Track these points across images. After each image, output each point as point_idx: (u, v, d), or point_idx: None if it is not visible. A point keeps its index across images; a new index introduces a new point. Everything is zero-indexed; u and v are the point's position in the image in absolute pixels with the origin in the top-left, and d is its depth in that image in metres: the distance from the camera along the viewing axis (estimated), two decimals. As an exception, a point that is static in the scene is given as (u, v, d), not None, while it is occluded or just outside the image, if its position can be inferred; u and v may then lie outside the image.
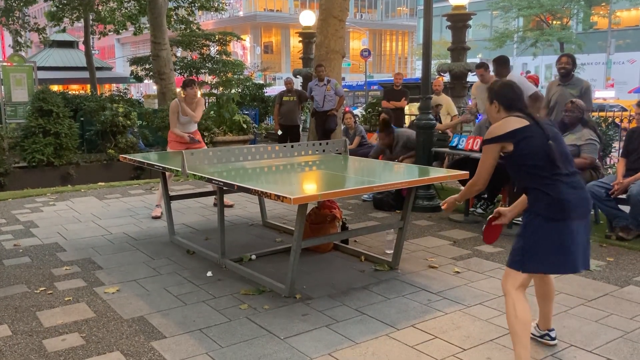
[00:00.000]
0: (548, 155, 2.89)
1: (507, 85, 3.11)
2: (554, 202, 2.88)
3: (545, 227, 2.90)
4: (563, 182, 2.90)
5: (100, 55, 46.67)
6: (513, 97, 3.05)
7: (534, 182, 2.95)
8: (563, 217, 2.88)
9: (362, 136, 8.95)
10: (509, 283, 2.98)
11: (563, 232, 2.88)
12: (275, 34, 53.94)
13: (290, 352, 3.21)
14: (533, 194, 2.97)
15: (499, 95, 3.08)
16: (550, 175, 2.90)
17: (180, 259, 4.94)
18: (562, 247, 2.89)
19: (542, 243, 2.89)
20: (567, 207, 2.87)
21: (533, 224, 2.94)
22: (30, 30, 21.58)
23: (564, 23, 33.80)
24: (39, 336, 3.42)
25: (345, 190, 4.08)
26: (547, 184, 2.90)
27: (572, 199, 2.89)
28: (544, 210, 2.90)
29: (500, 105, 3.05)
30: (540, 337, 3.31)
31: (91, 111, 11.02)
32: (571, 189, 2.91)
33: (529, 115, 3.00)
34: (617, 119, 9.51)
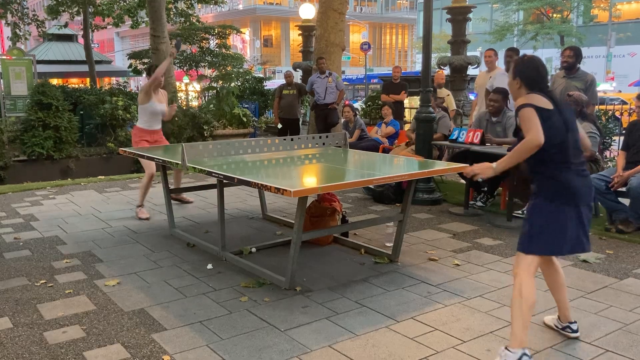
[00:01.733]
0: (563, 144, 2.98)
1: (532, 64, 3.12)
2: (562, 188, 2.98)
3: (551, 211, 2.99)
4: (572, 170, 3.00)
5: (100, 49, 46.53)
6: (536, 77, 3.08)
7: (544, 167, 3.02)
8: (569, 204, 2.98)
9: (362, 129, 8.95)
10: (519, 266, 3.05)
11: (569, 217, 2.99)
12: (275, 27, 53.79)
13: (291, 344, 3.22)
14: (542, 179, 3.05)
15: (522, 72, 3.10)
16: (562, 163, 3.00)
17: (180, 251, 4.95)
18: (566, 231, 2.99)
19: (548, 226, 3.00)
20: (574, 194, 2.99)
21: (540, 207, 3.03)
22: (29, 23, 21.51)
23: (564, 16, 33.70)
24: (40, 328, 3.43)
25: (345, 183, 4.08)
26: (557, 171, 3.00)
27: (580, 186, 3.00)
28: (552, 196, 3.00)
29: (522, 82, 3.08)
30: (562, 330, 3.33)
31: (91, 105, 11.02)
32: (579, 177, 3.01)
33: (552, 98, 3.05)
34: (617, 112, 9.50)
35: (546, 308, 3.69)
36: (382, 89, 11.66)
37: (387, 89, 11.10)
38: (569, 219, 3.00)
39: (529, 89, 3.06)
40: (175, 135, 10.98)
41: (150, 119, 6.22)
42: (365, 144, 8.35)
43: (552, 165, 3.01)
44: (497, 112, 6.30)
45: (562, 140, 2.98)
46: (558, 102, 3.07)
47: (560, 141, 2.98)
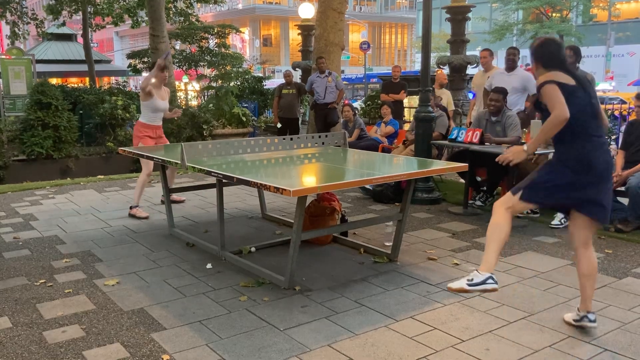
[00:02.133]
0: (586, 117, 3.12)
1: (546, 44, 3.24)
2: (583, 159, 3.13)
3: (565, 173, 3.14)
4: (594, 142, 3.14)
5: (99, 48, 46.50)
6: (551, 55, 3.20)
7: (570, 137, 3.14)
8: (586, 173, 3.13)
9: (362, 129, 8.95)
10: (503, 202, 3.28)
11: (577, 181, 3.13)
12: (275, 26, 53.76)
13: (290, 343, 3.23)
14: (564, 148, 3.18)
15: (537, 53, 3.23)
16: (585, 135, 3.13)
17: (179, 251, 4.95)
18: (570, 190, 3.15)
19: (554, 181, 3.16)
20: (593, 168, 3.13)
21: (556, 168, 3.19)
22: (28, 22, 21.49)
23: (563, 15, 33.68)
24: (39, 328, 3.43)
25: (344, 183, 4.09)
26: (579, 143, 3.13)
27: (601, 162, 3.14)
28: (573, 163, 3.14)
29: (538, 62, 3.22)
30: (578, 321, 3.36)
31: (90, 104, 11.01)
32: (598, 150, 3.15)
33: (573, 74, 3.16)
34: (617, 111, 9.51)
35: (545, 308, 3.70)
36: (382, 89, 11.66)
37: (387, 89, 11.10)
38: (575, 183, 3.13)
39: (546, 68, 3.17)
40: (174, 134, 10.97)
41: (153, 115, 6.28)
42: (365, 144, 8.35)
43: (575, 136, 3.13)
44: (497, 111, 6.30)
45: (585, 113, 3.11)
46: (579, 79, 3.17)
47: (583, 114, 3.10)
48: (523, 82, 6.97)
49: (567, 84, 3.10)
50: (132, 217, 6.13)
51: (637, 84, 28.63)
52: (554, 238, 5.26)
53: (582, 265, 3.35)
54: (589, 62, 33.17)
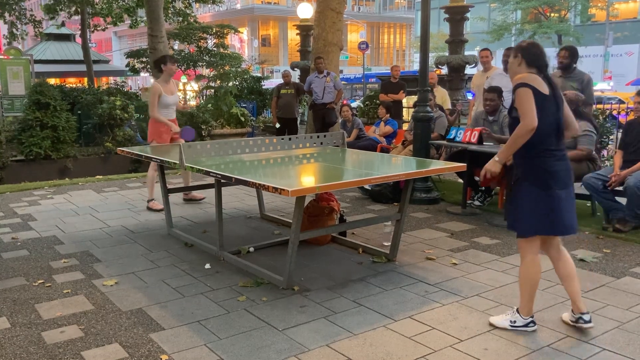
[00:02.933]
0: (551, 130, 3.16)
1: (534, 45, 3.29)
2: (546, 173, 3.18)
3: (538, 195, 3.19)
4: (554, 156, 3.20)
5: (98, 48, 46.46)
6: (537, 55, 3.24)
7: (530, 151, 3.19)
8: (552, 187, 3.19)
9: (360, 129, 8.95)
10: (521, 248, 3.34)
11: (555, 199, 3.19)
12: (273, 26, 53.75)
13: (289, 343, 3.23)
14: (527, 164, 3.24)
15: (524, 50, 3.26)
16: (546, 149, 3.19)
17: (178, 251, 4.95)
18: (554, 212, 3.20)
19: (537, 209, 3.21)
20: (556, 179, 3.19)
21: (528, 192, 3.23)
22: (26, 22, 21.47)
23: (562, 15, 33.72)
24: (38, 328, 3.43)
25: (342, 183, 4.09)
26: (541, 156, 3.18)
27: (559, 171, 3.21)
28: (538, 180, 3.19)
29: (523, 58, 3.23)
30: (575, 322, 3.39)
31: (88, 104, 11.00)
32: (560, 162, 3.22)
33: (550, 81, 3.20)
34: (615, 111, 9.51)
35: (543, 307, 3.70)
36: (381, 89, 11.66)
37: (386, 89, 11.11)
38: (555, 202, 3.19)
39: (529, 66, 3.21)
40: (173, 135, 10.96)
41: (165, 111, 6.39)
42: (363, 144, 8.35)
43: (537, 151, 3.19)
44: (493, 111, 6.32)
45: (550, 127, 3.16)
46: (554, 87, 3.22)
47: (549, 127, 3.15)
48: None
49: (541, 92, 3.14)
50: (150, 210, 6.37)
51: (635, 83, 28.65)
52: (552, 238, 5.26)
53: (559, 268, 3.40)
54: (587, 62, 33.18)
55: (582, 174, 5.61)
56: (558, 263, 3.40)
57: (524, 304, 3.34)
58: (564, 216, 3.22)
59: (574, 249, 4.92)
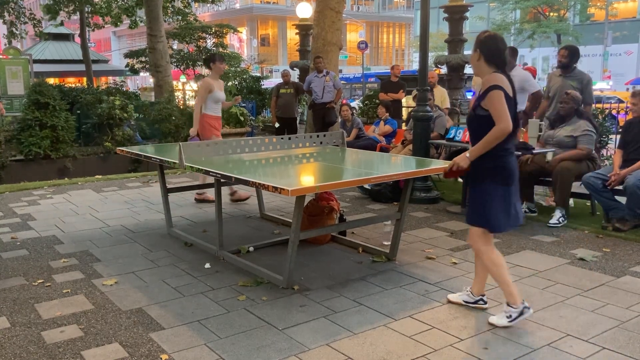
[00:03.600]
0: (514, 131, 3.25)
1: (493, 38, 3.30)
2: (505, 171, 3.29)
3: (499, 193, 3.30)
4: (511, 153, 3.31)
5: (97, 48, 46.44)
6: (495, 51, 3.27)
7: (493, 152, 3.27)
8: (509, 184, 3.31)
9: (360, 128, 8.96)
10: (477, 242, 3.44)
11: (512, 195, 3.32)
12: (272, 26, 53.73)
13: (289, 342, 3.23)
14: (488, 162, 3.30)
15: (483, 44, 3.29)
16: (506, 148, 3.28)
17: (178, 251, 4.95)
18: (510, 209, 3.33)
19: (498, 207, 3.30)
20: (512, 176, 3.32)
21: (490, 190, 3.32)
22: (25, 22, 21.46)
23: (561, 15, 33.75)
24: (38, 328, 3.43)
25: (342, 182, 4.09)
26: (502, 155, 3.27)
27: (514, 168, 3.34)
28: (499, 178, 3.29)
29: (482, 54, 3.28)
30: (474, 303, 3.57)
31: (88, 104, 11.00)
32: (513, 158, 3.35)
33: (509, 78, 3.26)
34: (614, 110, 9.52)
35: (543, 306, 3.70)
36: (381, 88, 11.66)
37: (386, 88, 11.10)
38: (513, 196, 3.34)
39: (487, 62, 3.26)
40: (172, 134, 10.98)
41: (216, 106, 6.58)
42: (363, 143, 8.35)
43: (499, 150, 3.26)
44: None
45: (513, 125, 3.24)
46: (513, 86, 3.28)
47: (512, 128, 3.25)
48: (521, 82, 6.96)
49: (508, 94, 3.22)
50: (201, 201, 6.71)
51: (634, 82, 28.68)
52: (551, 237, 5.27)
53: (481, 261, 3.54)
54: (587, 62, 33.22)
55: (582, 173, 5.61)
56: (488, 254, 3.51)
57: (508, 292, 3.39)
58: (518, 209, 3.39)
59: (574, 248, 4.92)
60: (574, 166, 5.63)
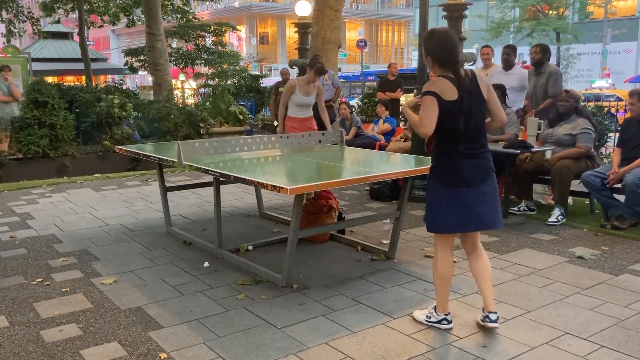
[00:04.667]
0: (456, 132, 3.13)
1: (439, 40, 3.15)
2: (450, 172, 3.20)
3: (443, 193, 3.22)
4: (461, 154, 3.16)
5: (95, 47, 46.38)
6: (443, 54, 3.13)
7: (437, 150, 3.24)
8: (459, 185, 3.18)
9: (359, 127, 8.95)
10: (434, 244, 3.39)
11: (462, 197, 3.18)
12: (271, 24, 53.66)
13: (288, 341, 3.23)
14: (434, 161, 3.28)
15: (430, 50, 3.17)
16: (452, 149, 3.18)
17: (177, 249, 4.95)
18: (459, 210, 3.20)
19: (442, 206, 3.22)
20: (462, 177, 3.18)
21: (434, 189, 3.28)
22: (24, 21, 21.42)
23: (560, 13, 33.70)
24: (37, 327, 3.43)
25: (341, 181, 4.09)
26: (446, 155, 3.22)
27: (466, 169, 3.18)
28: (442, 178, 3.23)
29: (433, 60, 3.18)
30: (482, 321, 3.36)
31: (86, 102, 10.97)
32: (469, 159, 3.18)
33: (460, 82, 3.11)
34: (613, 108, 9.53)
35: (542, 305, 3.71)
36: (378, 87, 11.65)
37: (383, 87, 11.09)
38: (462, 199, 3.18)
39: (440, 67, 3.15)
40: (171, 133, 10.96)
41: (297, 109, 6.57)
42: (362, 142, 8.35)
43: (443, 150, 3.21)
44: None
45: (455, 129, 3.12)
46: (465, 88, 3.11)
47: (454, 129, 3.13)
48: (521, 81, 7.00)
49: (446, 101, 3.06)
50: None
51: (633, 81, 28.67)
52: (550, 235, 5.27)
53: (472, 266, 3.40)
54: (586, 60, 33.27)
55: (581, 171, 5.61)
56: (472, 260, 3.40)
57: (437, 300, 3.37)
58: (470, 213, 3.19)
59: (573, 246, 4.93)
60: (573, 164, 5.63)
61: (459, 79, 3.12)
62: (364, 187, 7.20)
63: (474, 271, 3.39)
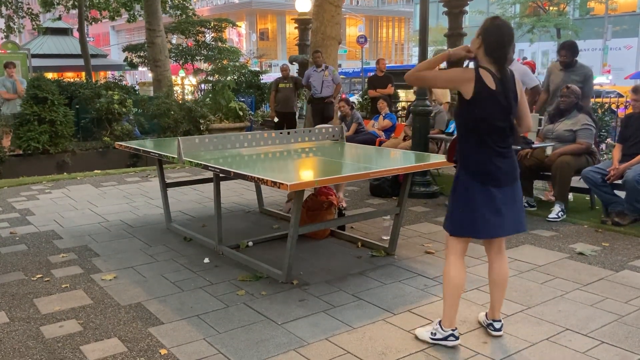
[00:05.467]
0: (488, 126, 2.94)
1: (499, 29, 2.96)
2: (477, 170, 2.98)
3: (468, 194, 3.00)
4: (490, 151, 2.98)
5: (95, 43, 46.28)
6: (497, 42, 2.94)
7: (463, 145, 3.04)
8: (485, 185, 2.97)
9: (359, 123, 8.94)
10: (446, 247, 3.17)
11: (485, 199, 2.97)
12: (271, 20, 53.56)
13: (288, 337, 3.23)
14: (460, 158, 3.07)
15: (486, 33, 2.97)
16: (480, 144, 2.97)
17: (177, 246, 4.95)
18: (481, 213, 2.98)
19: (463, 208, 3.03)
20: (489, 176, 2.97)
21: (458, 189, 3.06)
22: (23, 16, 21.37)
23: (560, 9, 33.64)
24: (37, 323, 3.42)
25: (341, 177, 4.08)
26: (474, 151, 2.99)
27: (495, 169, 2.97)
28: (469, 177, 3.00)
29: (483, 43, 2.97)
30: (486, 327, 3.29)
31: (86, 98, 10.97)
32: (498, 158, 2.98)
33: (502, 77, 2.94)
34: (614, 104, 9.52)
35: (542, 301, 3.71)
36: (368, 84, 11.61)
37: (373, 84, 11.06)
38: (485, 201, 2.96)
39: (487, 53, 2.95)
40: (171, 129, 10.95)
41: None
42: (362, 138, 8.35)
43: (470, 145, 3.00)
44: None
45: (491, 120, 2.93)
46: (505, 83, 2.95)
47: (489, 121, 2.93)
48: (520, 77, 6.94)
49: (488, 86, 2.90)
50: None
51: (634, 77, 28.63)
52: (551, 231, 5.27)
53: (493, 272, 3.21)
54: (586, 56, 33.13)
55: (581, 167, 5.61)
56: (494, 266, 3.20)
57: (445, 313, 3.10)
58: (505, 216, 3.01)
59: (573, 242, 4.93)
60: (574, 160, 5.62)
61: (502, 75, 2.94)
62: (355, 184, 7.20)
63: (493, 276, 3.20)
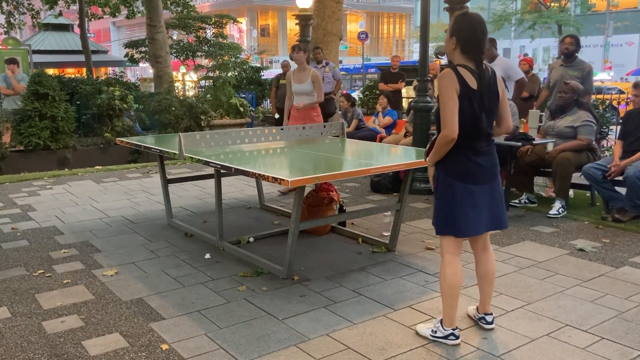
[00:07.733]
0: (468, 128, 2.89)
1: (470, 24, 2.88)
2: (459, 169, 2.97)
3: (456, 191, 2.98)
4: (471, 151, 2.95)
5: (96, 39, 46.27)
6: (472, 39, 2.87)
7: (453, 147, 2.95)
8: (468, 182, 2.96)
9: (360, 119, 8.94)
10: (441, 247, 3.16)
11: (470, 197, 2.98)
12: (272, 16, 53.50)
13: (289, 332, 3.24)
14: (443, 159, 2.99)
15: (459, 32, 2.90)
16: (462, 146, 2.92)
17: (178, 241, 4.96)
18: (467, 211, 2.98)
19: (449, 208, 3.01)
20: (470, 175, 2.96)
21: (443, 189, 3.03)
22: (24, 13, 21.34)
23: (562, 5, 33.58)
24: (38, 318, 3.44)
25: (342, 173, 4.09)
26: (456, 152, 2.93)
27: (474, 167, 2.96)
28: (453, 177, 2.98)
29: (458, 42, 2.90)
30: (478, 320, 3.31)
31: (87, 94, 10.96)
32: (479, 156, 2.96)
33: (480, 74, 2.88)
34: (615, 101, 9.50)
35: (542, 297, 3.71)
36: (380, 78, 11.64)
37: (386, 78, 11.09)
38: (477, 198, 2.97)
39: (464, 52, 2.88)
40: (172, 125, 10.95)
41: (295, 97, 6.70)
42: (363, 134, 8.35)
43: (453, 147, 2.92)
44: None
45: (471, 119, 2.88)
46: (485, 82, 2.90)
47: (469, 120, 2.87)
48: (505, 70, 6.91)
49: (469, 86, 2.84)
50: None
51: (635, 73, 28.60)
52: (551, 227, 5.27)
53: (480, 268, 3.23)
54: (588, 52, 33.11)
55: (582, 164, 5.61)
56: (481, 260, 3.22)
57: (445, 313, 3.09)
58: (487, 213, 3.03)
59: (574, 238, 4.93)
60: (574, 157, 5.62)
61: (480, 71, 2.88)
62: (355, 180, 7.20)
63: (480, 272, 3.23)
